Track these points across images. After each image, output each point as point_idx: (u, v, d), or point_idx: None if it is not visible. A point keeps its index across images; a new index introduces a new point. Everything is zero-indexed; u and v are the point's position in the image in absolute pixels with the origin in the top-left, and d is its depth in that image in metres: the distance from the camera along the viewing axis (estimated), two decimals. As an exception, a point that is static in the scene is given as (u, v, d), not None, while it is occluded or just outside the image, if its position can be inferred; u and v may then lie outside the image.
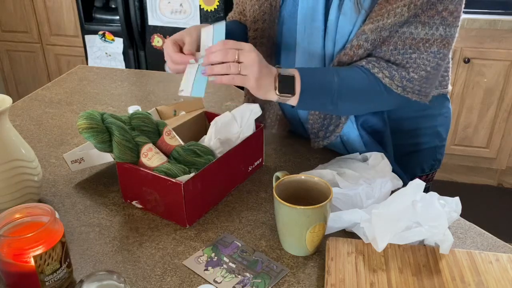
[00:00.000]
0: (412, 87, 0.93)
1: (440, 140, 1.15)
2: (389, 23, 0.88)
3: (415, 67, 0.91)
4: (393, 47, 0.91)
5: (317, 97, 0.91)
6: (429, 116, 1.10)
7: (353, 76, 0.92)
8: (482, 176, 2.85)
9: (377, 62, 0.92)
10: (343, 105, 0.94)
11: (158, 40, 2.52)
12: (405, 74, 0.91)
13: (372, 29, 0.89)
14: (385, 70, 0.91)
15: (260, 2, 1.04)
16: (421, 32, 0.88)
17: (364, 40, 0.91)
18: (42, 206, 0.74)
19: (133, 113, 0.98)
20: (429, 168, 1.16)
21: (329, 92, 0.90)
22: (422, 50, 0.90)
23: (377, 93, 0.94)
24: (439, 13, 0.87)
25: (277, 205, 0.79)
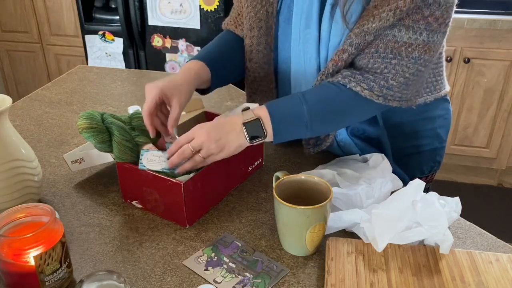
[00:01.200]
0: (392, 94, 0.91)
1: (440, 142, 1.14)
2: (373, 27, 0.87)
3: (394, 74, 0.89)
4: (374, 49, 0.89)
5: (291, 130, 0.90)
6: (428, 118, 1.10)
7: (323, 97, 0.91)
8: (482, 176, 2.85)
9: (353, 77, 0.90)
10: (321, 128, 0.93)
11: (158, 40, 2.52)
12: (384, 83, 0.89)
13: (356, 34, 0.88)
14: (362, 83, 0.89)
15: (256, 10, 1.03)
16: (405, 35, 0.87)
17: (349, 44, 0.90)
18: (42, 206, 0.74)
19: (133, 113, 0.98)
20: (428, 170, 1.16)
21: (301, 122, 0.89)
22: (404, 55, 0.88)
23: (356, 107, 0.93)
24: (424, 18, 0.86)
25: (277, 205, 0.79)
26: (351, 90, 0.90)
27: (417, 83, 0.94)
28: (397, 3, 0.84)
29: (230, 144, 0.87)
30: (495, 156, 2.73)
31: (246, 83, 1.14)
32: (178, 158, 0.87)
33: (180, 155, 0.87)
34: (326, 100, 0.91)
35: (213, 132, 0.86)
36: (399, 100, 0.92)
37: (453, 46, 2.49)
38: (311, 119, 0.89)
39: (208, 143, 0.85)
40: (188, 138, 0.87)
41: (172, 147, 0.89)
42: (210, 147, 0.86)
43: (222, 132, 0.86)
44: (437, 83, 1.07)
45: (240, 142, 0.87)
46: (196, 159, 0.87)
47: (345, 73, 0.91)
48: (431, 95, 1.05)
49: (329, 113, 0.92)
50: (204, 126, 0.87)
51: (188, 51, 2.50)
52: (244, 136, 0.87)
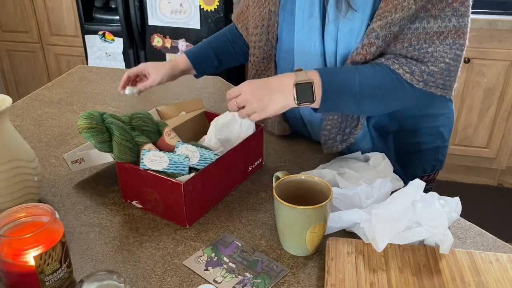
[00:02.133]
0: (434, 80, 0.91)
1: (442, 140, 1.14)
2: (397, 18, 0.87)
3: (433, 61, 0.90)
4: (407, 43, 0.90)
5: (340, 99, 0.90)
6: (430, 116, 1.10)
7: (374, 73, 0.91)
8: (482, 176, 2.85)
9: (396, 59, 0.91)
10: (367, 104, 0.93)
11: (158, 40, 2.52)
12: (425, 68, 0.90)
13: (381, 26, 0.89)
14: (404, 66, 0.90)
15: (260, 10, 1.06)
16: (434, 25, 0.88)
17: (375, 38, 0.90)
18: (42, 206, 0.74)
19: (133, 113, 0.99)
20: (430, 168, 1.16)
21: (351, 92, 0.89)
22: (437, 43, 0.89)
23: (400, 89, 0.92)
24: (449, 4, 0.87)
25: (277, 205, 0.79)
26: (394, 72, 0.90)
27: (457, 68, 0.94)
28: None
29: (274, 104, 0.87)
30: (495, 156, 2.73)
31: (249, 76, 1.17)
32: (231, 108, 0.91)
33: (230, 107, 0.91)
34: (376, 77, 0.91)
35: (258, 91, 0.87)
36: (442, 88, 0.93)
37: (453, 46, 2.48)
38: (361, 92, 0.88)
39: (251, 101, 0.87)
40: (236, 93, 0.89)
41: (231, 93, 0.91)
42: (253, 106, 0.87)
43: (267, 91, 0.87)
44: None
45: (286, 103, 0.87)
46: (240, 115, 0.90)
47: (388, 55, 0.92)
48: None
49: (378, 89, 0.91)
50: (252, 83, 0.89)
51: (188, 51, 2.49)
52: (293, 97, 0.86)
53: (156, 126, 0.98)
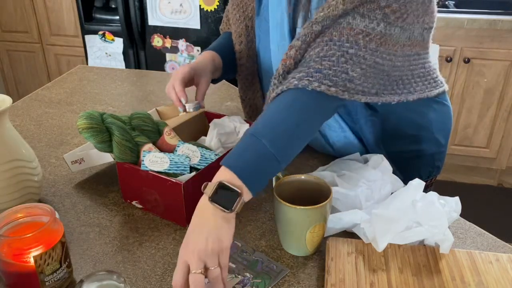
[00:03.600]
0: (354, 87, 0.82)
1: (439, 146, 1.11)
2: (321, 16, 0.80)
3: (352, 64, 0.81)
4: (328, 38, 0.81)
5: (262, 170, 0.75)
6: (423, 123, 1.07)
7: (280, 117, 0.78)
8: (482, 176, 2.85)
9: (311, 76, 0.79)
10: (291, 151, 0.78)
11: (158, 40, 2.52)
12: (345, 76, 0.81)
13: (305, 26, 0.82)
14: (325, 79, 0.79)
15: (236, 25, 1.06)
16: (360, 23, 0.80)
17: (296, 39, 0.83)
18: (42, 206, 0.74)
19: (133, 113, 0.99)
20: (427, 175, 1.14)
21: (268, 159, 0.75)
22: (361, 45, 0.81)
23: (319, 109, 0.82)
24: (381, 8, 0.81)
25: (277, 205, 0.79)
26: (313, 92, 0.79)
27: (378, 76, 0.87)
28: None
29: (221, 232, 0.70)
30: (495, 156, 2.73)
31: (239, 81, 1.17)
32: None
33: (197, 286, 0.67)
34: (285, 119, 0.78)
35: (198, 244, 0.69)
36: (363, 94, 0.85)
37: (453, 46, 2.49)
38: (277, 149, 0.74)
39: (205, 255, 0.68)
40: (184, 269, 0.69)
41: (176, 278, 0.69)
42: (210, 255, 0.68)
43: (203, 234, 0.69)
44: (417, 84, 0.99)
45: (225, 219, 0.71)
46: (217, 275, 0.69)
47: (298, 75, 0.81)
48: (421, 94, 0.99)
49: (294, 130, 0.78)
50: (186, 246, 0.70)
51: (188, 51, 2.50)
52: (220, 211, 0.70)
53: (156, 126, 0.98)
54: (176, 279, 0.69)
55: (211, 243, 0.69)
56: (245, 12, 1.04)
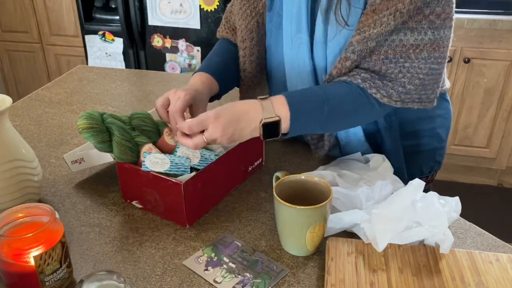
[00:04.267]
0: (410, 97, 0.91)
1: (440, 141, 1.14)
2: (375, 33, 0.86)
3: (409, 77, 0.89)
4: (383, 56, 0.89)
5: (306, 128, 0.90)
6: (427, 118, 1.09)
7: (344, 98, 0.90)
8: (482, 176, 2.85)
9: (372, 81, 0.89)
10: (332, 127, 0.95)
11: (158, 40, 2.52)
12: (402, 89, 0.90)
13: (358, 40, 0.87)
14: (382, 89, 0.89)
15: (246, 22, 1.04)
16: (410, 38, 0.86)
17: (351, 52, 0.89)
18: (42, 206, 0.74)
19: (133, 113, 0.98)
20: (428, 170, 1.15)
21: (318, 122, 0.88)
22: (413, 57, 0.88)
23: (371, 110, 0.93)
24: (426, 17, 0.85)
25: (277, 205, 0.79)
26: (371, 96, 0.90)
27: (434, 81, 0.93)
28: (396, 6, 0.84)
29: (242, 138, 0.86)
30: (495, 156, 2.73)
31: (241, 92, 1.14)
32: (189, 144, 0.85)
33: (194, 147, 0.85)
34: (346, 101, 0.90)
35: (229, 128, 0.83)
36: (419, 102, 0.93)
37: (453, 46, 2.48)
38: (328, 119, 0.88)
39: (222, 138, 0.83)
40: (201, 126, 0.83)
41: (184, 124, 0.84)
42: (223, 141, 0.84)
43: (237, 127, 0.84)
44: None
45: (253, 135, 0.86)
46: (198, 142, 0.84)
47: (363, 75, 0.90)
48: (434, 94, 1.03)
49: (346, 114, 0.92)
50: (220, 117, 0.83)
51: (188, 51, 2.50)
52: (259, 133, 0.85)
53: (156, 126, 0.98)
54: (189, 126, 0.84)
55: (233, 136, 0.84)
56: (256, 7, 1.03)
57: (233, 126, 0.83)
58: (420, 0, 0.83)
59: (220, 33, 1.18)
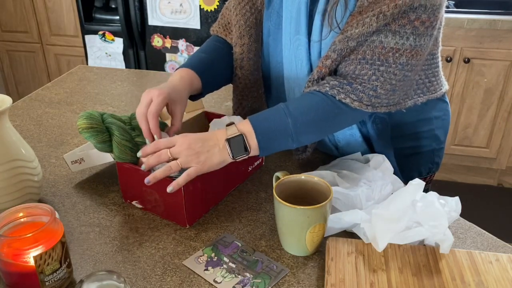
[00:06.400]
0: (380, 102, 0.90)
1: (438, 143, 1.13)
2: (356, 33, 0.85)
3: (382, 81, 0.88)
4: (361, 56, 0.88)
5: (277, 143, 0.88)
6: (425, 120, 1.09)
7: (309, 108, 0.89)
8: (482, 176, 2.85)
9: (341, 87, 0.88)
10: (306, 138, 0.91)
11: (158, 40, 2.52)
12: (373, 93, 0.88)
13: (340, 40, 0.87)
14: (351, 94, 0.88)
15: (245, 18, 1.03)
16: (391, 41, 0.85)
17: (332, 51, 0.89)
18: (42, 206, 0.74)
19: (133, 113, 0.98)
20: (426, 171, 1.15)
21: (287, 134, 0.87)
22: (391, 61, 0.86)
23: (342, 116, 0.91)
24: (411, 22, 0.84)
25: (277, 205, 0.79)
26: (340, 102, 0.89)
27: (404, 87, 0.93)
28: (381, 8, 0.83)
29: (212, 158, 0.84)
30: (495, 156, 2.73)
31: (236, 90, 1.12)
32: (155, 160, 0.84)
33: (157, 157, 0.84)
34: (312, 111, 0.89)
35: (195, 144, 0.84)
36: (386, 106, 0.92)
37: (453, 46, 2.49)
38: (296, 131, 0.87)
39: (188, 152, 0.83)
40: (169, 144, 0.85)
41: (149, 147, 0.86)
42: (189, 158, 0.83)
43: (204, 146, 0.84)
44: (431, 84, 1.05)
45: (223, 158, 0.85)
46: (172, 166, 0.83)
47: (332, 82, 0.89)
48: (422, 97, 1.03)
49: (315, 123, 0.90)
50: (188, 136, 0.85)
51: (188, 51, 2.50)
52: (227, 152, 0.85)
53: (156, 126, 0.98)
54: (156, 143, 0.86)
55: (199, 154, 0.84)
56: (255, 4, 1.03)
57: (199, 143, 0.84)
58: (406, 5, 0.82)
59: (213, 29, 1.16)
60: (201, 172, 0.84)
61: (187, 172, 0.84)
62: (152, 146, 0.86)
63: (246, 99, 1.12)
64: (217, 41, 1.13)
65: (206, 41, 1.14)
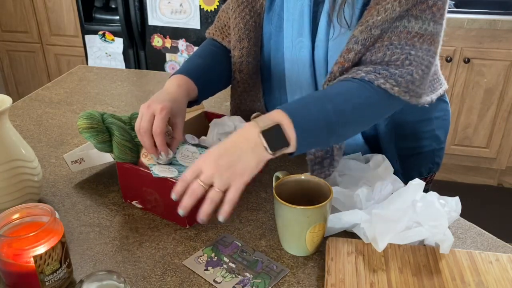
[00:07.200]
0: (414, 89, 0.86)
1: (438, 143, 1.13)
2: (379, 20, 0.82)
3: (416, 65, 0.84)
4: (388, 42, 0.84)
5: (317, 134, 0.78)
6: (426, 120, 1.09)
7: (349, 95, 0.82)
8: (482, 176, 2.85)
9: (378, 72, 0.83)
10: (348, 131, 0.84)
11: (158, 40, 2.52)
12: (410, 78, 0.84)
13: (361, 30, 0.84)
14: (390, 79, 0.83)
15: (244, 21, 1.01)
16: (415, 25, 0.83)
17: (354, 43, 0.85)
18: (42, 206, 0.74)
19: (133, 113, 0.98)
20: (427, 171, 1.15)
21: (328, 124, 0.78)
22: (418, 46, 0.84)
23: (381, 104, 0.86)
24: (429, 7, 0.84)
25: (277, 205, 0.79)
26: (379, 88, 0.83)
27: (428, 76, 0.90)
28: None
29: (248, 164, 0.72)
30: (495, 156, 2.73)
31: (234, 94, 1.10)
32: (191, 199, 0.72)
33: (192, 196, 0.72)
34: (352, 97, 0.81)
35: (223, 159, 0.72)
36: (418, 95, 0.88)
37: (453, 46, 2.49)
38: (338, 120, 0.78)
39: (220, 172, 0.71)
40: (195, 173, 0.73)
41: (178, 186, 0.74)
42: (224, 177, 0.71)
43: (234, 155, 0.72)
44: (435, 81, 1.05)
45: (260, 157, 0.72)
46: (213, 197, 0.72)
47: (365, 69, 0.84)
48: (433, 94, 1.03)
49: (356, 111, 0.82)
50: (212, 152, 0.73)
51: (188, 51, 2.50)
52: (263, 147, 0.72)
53: (156, 126, 0.98)
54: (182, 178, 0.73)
55: (234, 168, 0.71)
56: (254, 7, 1.01)
57: (226, 155, 0.72)
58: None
59: (209, 31, 1.14)
60: (243, 186, 0.72)
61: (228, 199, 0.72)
62: (180, 183, 0.74)
63: (244, 103, 1.11)
64: (212, 45, 1.10)
65: (201, 44, 1.12)
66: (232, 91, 1.11)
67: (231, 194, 0.72)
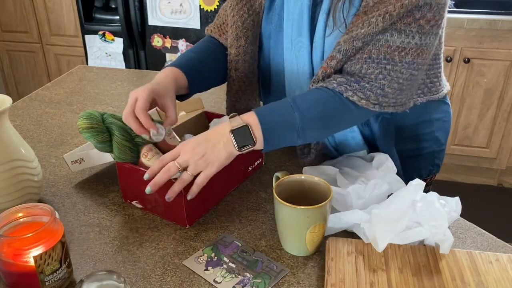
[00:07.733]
0: (387, 101, 0.89)
1: (439, 145, 1.12)
2: (362, 33, 0.85)
3: (389, 80, 0.87)
4: (367, 55, 0.87)
5: (282, 136, 0.86)
6: (426, 121, 1.08)
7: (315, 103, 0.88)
8: (482, 176, 2.85)
9: (348, 84, 0.87)
10: (311, 135, 0.90)
11: (158, 40, 2.52)
12: (380, 91, 0.87)
13: (345, 40, 0.86)
14: (359, 92, 0.87)
15: (242, 19, 1.02)
16: (397, 40, 0.85)
17: (337, 51, 0.88)
18: (42, 206, 0.74)
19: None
20: (427, 173, 1.14)
21: (293, 128, 0.85)
22: (397, 60, 0.86)
23: (349, 114, 0.90)
24: (416, 20, 0.84)
25: (277, 205, 0.79)
26: (347, 99, 0.88)
27: (411, 87, 0.92)
28: (387, 8, 0.83)
29: (219, 155, 0.83)
30: (495, 156, 2.73)
31: (229, 92, 1.11)
32: (164, 176, 0.82)
33: (165, 173, 0.82)
34: (319, 106, 0.88)
35: (199, 147, 0.83)
36: (393, 106, 0.91)
37: (453, 46, 2.49)
38: (303, 126, 0.86)
39: (195, 158, 0.82)
40: (173, 156, 0.84)
41: (155, 165, 0.84)
42: (198, 163, 0.82)
43: (208, 146, 0.83)
44: (433, 85, 1.05)
45: (229, 152, 0.84)
46: (184, 178, 0.83)
47: (339, 79, 0.88)
48: (423, 97, 1.03)
49: (322, 119, 0.89)
50: (190, 141, 0.84)
51: (188, 51, 2.50)
52: (232, 144, 0.83)
53: (156, 126, 0.98)
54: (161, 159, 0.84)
55: (206, 157, 0.83)
56: (253, 6, 1.02)
57: (203, 145, 0.83)
58: (412, 4, 0.82)
59: (208, 29, 1.15)
60: (212, 174, 0.83)
61: (197, 182, 0.83)
62: (158, 163, 0.84)
63: (239, 101, 1.10)
64: (209, 41, 1.12)
65: (199, 41, 1.13)
66: (227, 89, 1.11)
67: (200, 179, 0.83)
